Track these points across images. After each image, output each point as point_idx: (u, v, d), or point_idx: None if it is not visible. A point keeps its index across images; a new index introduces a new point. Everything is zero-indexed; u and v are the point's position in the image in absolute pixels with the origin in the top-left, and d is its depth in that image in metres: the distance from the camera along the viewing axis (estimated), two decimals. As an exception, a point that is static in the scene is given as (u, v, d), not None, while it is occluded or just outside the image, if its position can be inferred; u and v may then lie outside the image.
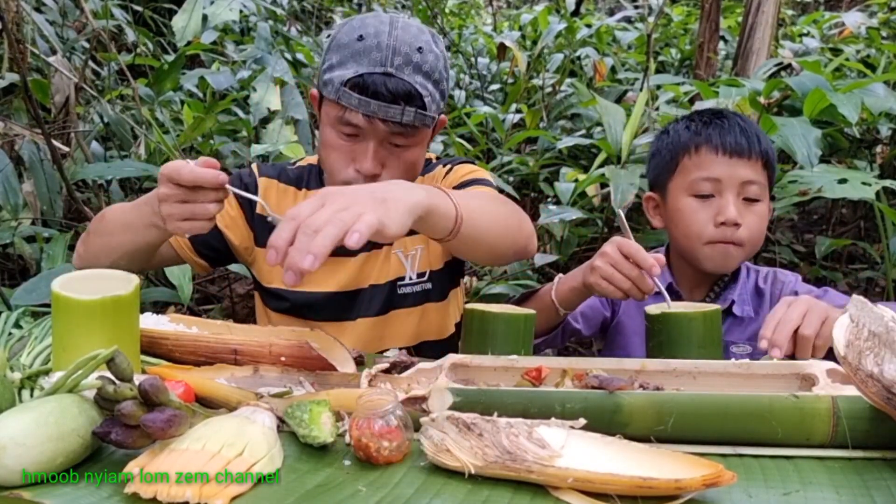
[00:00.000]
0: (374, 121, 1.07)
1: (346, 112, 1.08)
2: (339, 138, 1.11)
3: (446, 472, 0.68)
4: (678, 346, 0.93)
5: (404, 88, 1.06)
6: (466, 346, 0.94)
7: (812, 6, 5.83)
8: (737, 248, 1.16)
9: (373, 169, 1.10)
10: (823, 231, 2.93)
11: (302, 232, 0.71)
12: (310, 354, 0.87)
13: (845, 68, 3.06)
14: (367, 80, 1.05)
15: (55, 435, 0.64)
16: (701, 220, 1.16)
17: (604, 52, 4.02)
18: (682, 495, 0.62)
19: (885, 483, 0.66)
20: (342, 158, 1.12)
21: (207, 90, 2.82)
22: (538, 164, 2.81)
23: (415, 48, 1.08)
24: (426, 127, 1.12)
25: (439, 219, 0.86)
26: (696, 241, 1.18)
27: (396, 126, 1.08)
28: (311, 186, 1.26)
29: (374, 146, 1.10)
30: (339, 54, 1.09)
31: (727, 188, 1.15)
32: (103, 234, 1.12)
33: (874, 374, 0.66)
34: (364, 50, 1.07)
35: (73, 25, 2.89)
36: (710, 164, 1.16)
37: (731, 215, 1.13)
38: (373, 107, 1.06)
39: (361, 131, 1.09)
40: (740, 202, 1.16)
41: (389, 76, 1.06)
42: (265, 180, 1.25)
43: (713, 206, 1.16)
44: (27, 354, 0.90)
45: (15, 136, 2.10)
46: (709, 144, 1.17)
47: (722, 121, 1.19)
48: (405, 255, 1.24)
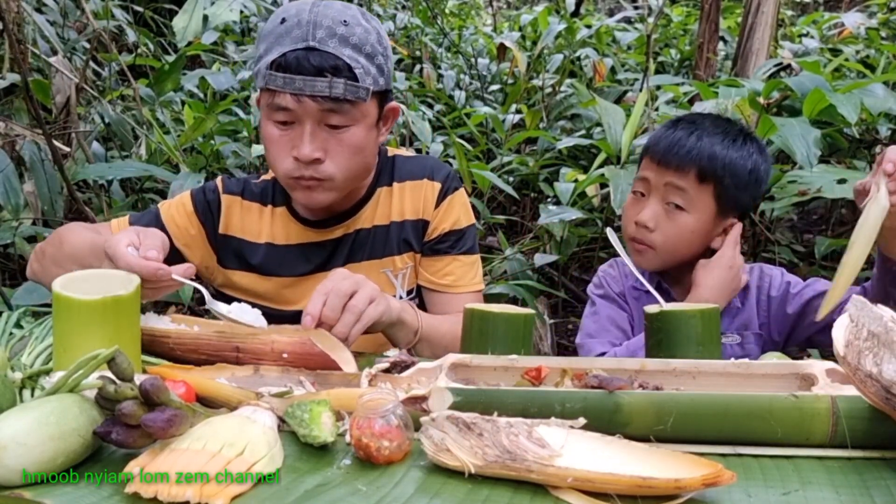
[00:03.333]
0: (302, 99, 1.02)
1: (276, 96, 1.03)
2: (275, 129, 1.07)
3: (446, 472, 0.68)
4: (677, 344, 0.93)
5: (330, 62, 1.02)
6: (466, 345, 0.94)
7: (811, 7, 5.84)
8: (648, 250, 1.22)
9: (311, 153, 1.05)
10: (823, 231, 2.94)
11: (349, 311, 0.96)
12: (312, 351, 0.87)
13: (845, 69, 3.07)
14: (290, 58, 1.01)
15: (56, 434, 0.64)
16: (628, 218, 1.25)
17: (603, 52, 4.02)
18: (681, 495, 0.62)
19: (884, 483, 0.66)
20: (281, 150, 1.07)
21: (208, 90, 2.83)
22: (538, 165, 2.82)
23: (339, 21, 1.03)
24: (361, 101, 1.05)
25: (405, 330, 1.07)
26: (625, 237, 1.26)
27: (327, 101, 1.03)
28: (277, 202, 1.22)
29: (309, 128, 1.05)
30: (265, 42, 1.06)
31: (652, 192, 1.22)
32: (58, 264, 1.07)
33: (873, 374, 0.66)
34: (286, 31, 1.03)
35: (73, 26, 2.89)
36: (645, 167, 1.24)
37: (642, 218, 1.20)
38: (297, 83, 1.01)
39: (294, 115, 1.05)
40: (661, 208, 1.20)
41: (312, 50, 1.01)
42: (228, 198, 1.21)
43: (640, 207, 1.23)
44: (28, 354, 0.91)
45: (16, 137, 2.10)
46: (649, 150, 1.24)
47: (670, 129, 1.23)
48: (394, 273, 1.22)
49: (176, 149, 2.19)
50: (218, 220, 1.21)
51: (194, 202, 1.21)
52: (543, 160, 2.83)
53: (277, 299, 1.22)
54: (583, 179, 2.23)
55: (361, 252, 1.21)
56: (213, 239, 1.20)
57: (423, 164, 1.26)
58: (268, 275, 1.21)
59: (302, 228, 1.21)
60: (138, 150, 2.40)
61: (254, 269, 1.21)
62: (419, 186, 1.24)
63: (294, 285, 1.21)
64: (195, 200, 1.21)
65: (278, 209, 1.22)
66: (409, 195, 1.24)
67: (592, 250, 2.63)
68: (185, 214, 1.20)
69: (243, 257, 1.21)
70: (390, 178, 1.24)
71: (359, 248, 1.21)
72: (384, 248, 1.22)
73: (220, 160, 2.40)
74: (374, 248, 1.22)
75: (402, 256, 1.23)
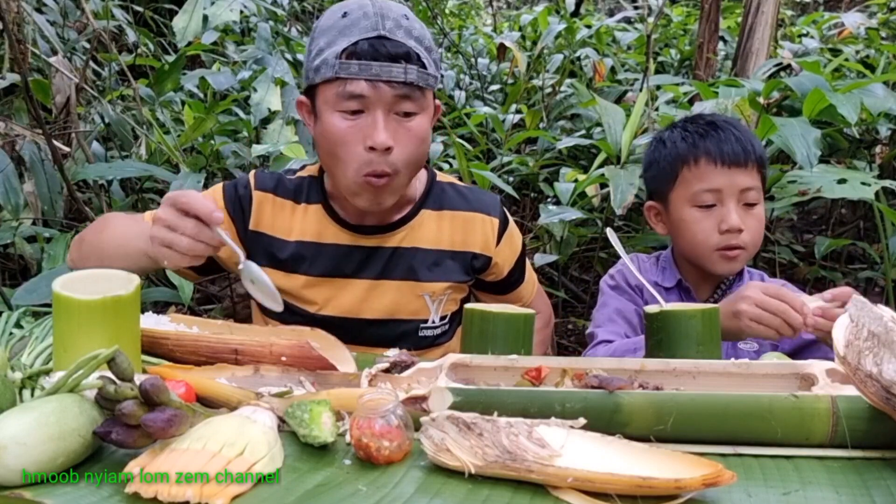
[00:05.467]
0: (378, 85, 1.02)
1: (347, 84, 1.03)
2: (342, 120, 1.05)
3: (446, 472, 0.68)
4: (677, 344, 0.93)
5: (402, 49, 1.03)
6: (466, 345, 0.94)
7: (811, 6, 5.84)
8: (741, 252, 1.21)
9: (386, 140, 1.04)
10: (823, 231, 2.93)
11: None
12: (310, 354, 0.87)
13: (845, 69, 3.06)
14: (364, 46, 1.02)
15: (56, 435, 0.64)
16: (706, 229, 1.21)
17: (603, 52, 4.02)
18: (681, 495, 0.62)
19: (884, 483, 0.66)
20: (350, 141, 1.06)
21: (208, 90, 2.82)
22: (538, 165, 2.81)
23: (401, 14, 1.06)
24: (430, 88, 1.08)
25: None
26: (703, 249, 1.23)
27: (402, 87, 1.03)
28: (311, 200, 1.20)
29: (382, 115, 1.04)
30: (326, 36, 1.05)
31: (728, 197, 1.20)
32: (99, 249, 1.09)
33: (873, 374, 0.66)
34: (352, 23, 1.04)
35: (73, 26, 2.89)
36: (709, 175, 1.21)
37: (735, 223, 1.19)
38: (374, 69, 1.02)
39: (367, 101, 1.04)
40: (740, 208, 1.21)
41: (384, 38, 1.02)
42: (260, 194, 1.19)
43: (716, 215, 1.21)
44: (28, 354, 0.91)
45: (16, 137, 2.10)
46: (707, 156, 1.21)
47: (717, 132, 1.23)
48: (433, 299, 1.22)
49: (176, 149, 2.19)
50: (249, 215, 1.19)
51: (225, 196, 1.19)
52: (543, 160, 2.83)
53: (297, 297, 1.20)
54: (583, 179, 2.23)
55: (397, 270, 1.19)
56: (242, 234, 1.18)
57: (476, 198, 1.26)
58: (293, 272, 1.19)
59: (338, 229, 1.19)
60: (138, 150, 2.40)
61: (280, 264, 1.19)
62: (472, 220, 1.23)
63: (316, 286, 1.19)
64: (227, 195, 1.19)
65: (312, 206, 1.20)
66: (461, 227, 1.23)
67: (592, 250, 2.63)
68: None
69: (272, 254, 1.19)
70: (438, 205, 1.23)
71: (395, 265, 1.19)
72: (426, 272, 1.20)
73: (220, 160, 2.40)
74: (412, 269, 1.20)
75: (443, 284, 1.21)
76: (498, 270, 1.27)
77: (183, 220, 0.92)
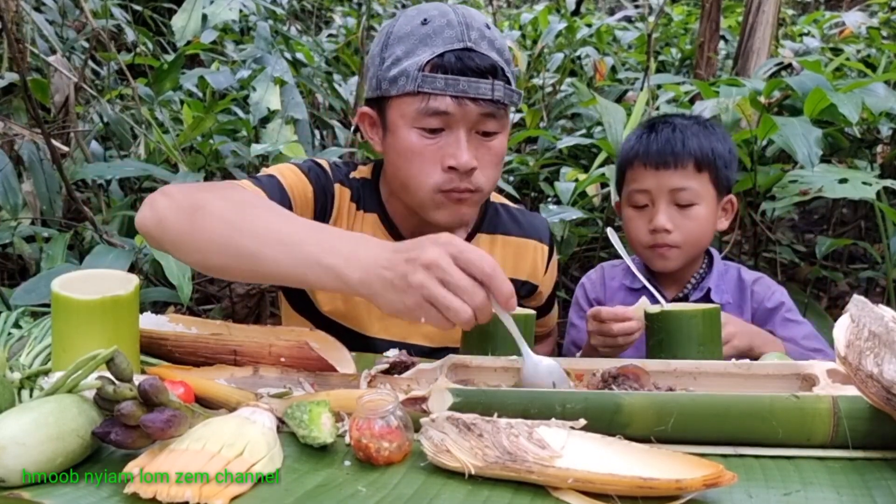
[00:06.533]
0: (463, 102, 0.94)
1: (430, 100, 0.95)
2: (422, 138, 0.97)
3: (446, 473, 0.67)
4: (678, 344, 0.93)
5: (488, 62, 0.95)
6: (466, 346, 0.94)
7: (812, 6, 5.83)
8: (672, 250, 1.24)
9: (470, 160, 0.96)
10: (824, 231, 2.93)
11: None
12: (309, 355, 0.87)
13: (846, 68, 3.06)
14: (450, 58, 0.94)
15: (55, 435, 0.64)
16: (638, 228, 1.26)
17: (604, 51, 4.02)
18: (682, 495, 0.62)
19: (885, 483, 0.66)
20: (428, 160, 0.97)
21: (207, 90, 2.82)
22: (538, 164, 2.81)
23: (483, 23, 0.98)
24: (514, 105, 1.00)
25: None
26: (639, 247, 1.28)
27: (488, 105, 0.96)
28: (368, 208, 1.11)
29: (465, 134, 0.97)
30: (404, 45, 0.97)
31: (657, 197, 1.23)
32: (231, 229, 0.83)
33: (874, 374, 0.66)
34: (435, 31, 0.95)
35: (72, 25, 2.89)
36: (640, 176, 1.25)
37: (660, 224, 1.22)
38: (462, 85, 0.93)
39: (450, 119, 0.96)
40: (673, 208, 1.23)
41: (470, 51, 0.94)
42: (339, 188, 1.09)
43: (647, 215, 1.25)
44: (27, 354, 0.90)
45: (14, 136, 2.10)
46: (638, 158, 1.25)
47: (652, 133, 1.24)
48: None
49: (175, 148, 2.18)
50: (330, 208, 1.08)
51: (310, 176, 1.06)
52: (544, 159, 2.82)
53: (352, 320, 1.10)
54: (583, 179, 2.23)
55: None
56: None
57: (529, 223, 1.22)
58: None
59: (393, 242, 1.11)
60: (137, 150, 2.40)
61: None
62: (525, 246, 1.20)
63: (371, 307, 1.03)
64: (311, 174, 1.06)
65: (369, 216, 1.11)
66: (513, 253, 1.18)
67: (593, 250, 2.62)
68: (300, 182, 1.05)
69: None
70: (493, 228, 1.18)
71: None
72: None
73: (220, 159, 2.40)
74: None
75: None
76: (539, 298, 1.25)
77: (462, 277, 0.73)
